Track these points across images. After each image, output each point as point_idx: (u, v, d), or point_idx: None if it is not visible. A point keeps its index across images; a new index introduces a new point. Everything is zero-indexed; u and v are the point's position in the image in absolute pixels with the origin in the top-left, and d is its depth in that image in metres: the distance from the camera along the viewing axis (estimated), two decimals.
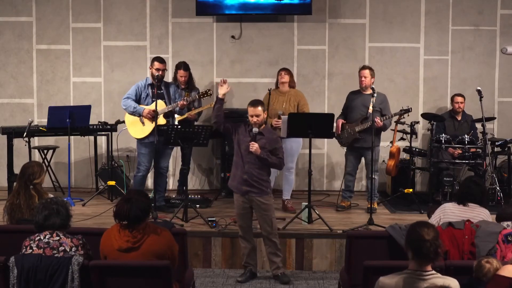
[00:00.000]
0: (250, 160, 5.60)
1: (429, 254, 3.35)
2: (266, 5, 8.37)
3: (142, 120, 7.04)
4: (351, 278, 4.69)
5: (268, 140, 5.63)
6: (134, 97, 7.07)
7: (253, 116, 5.59)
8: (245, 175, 5.63)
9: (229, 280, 5.96)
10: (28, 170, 5.33)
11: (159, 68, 7.07)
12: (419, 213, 7.12)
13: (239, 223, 5.86)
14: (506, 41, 8.47)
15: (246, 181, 5.63)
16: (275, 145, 5.66)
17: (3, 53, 8.70)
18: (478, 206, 4.78)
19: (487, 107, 8.23)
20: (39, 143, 8.58)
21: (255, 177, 5.62)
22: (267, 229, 5.74)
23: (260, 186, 5.65)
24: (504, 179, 8.05)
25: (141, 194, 4.19)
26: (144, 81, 7.17)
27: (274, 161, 5.64)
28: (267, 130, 5.72)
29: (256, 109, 5.59)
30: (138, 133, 7.09)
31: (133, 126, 7.12)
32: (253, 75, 8.49)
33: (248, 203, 5.71)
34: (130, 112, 7.07)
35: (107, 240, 4.11)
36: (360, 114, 7.23)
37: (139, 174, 7.13)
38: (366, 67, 7.30)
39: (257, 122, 5.59)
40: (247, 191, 5.65)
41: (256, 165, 5.61)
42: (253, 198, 5.66)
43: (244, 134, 5.66)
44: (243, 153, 5.63)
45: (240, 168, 5.67)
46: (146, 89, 7.09)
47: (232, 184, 5.78)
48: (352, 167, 7.44)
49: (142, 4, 8.61)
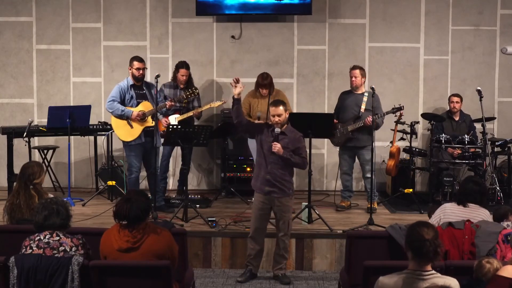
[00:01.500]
0: (273, 160, 5.57)
1: (429, 254, 3.35)
2: (266, 5, 8.37)
3: (129, 123, 6.99)
4: (351, 278, 4.69)
5: (290, 140, 5.60)
6: (119, 99, 6.97)
7: (275, 116, 5.55)
8: (268, 175, 5.60)
9: (229, 280, 5.96)
10: (28, 170, 5.33)
11: (139, 67, 6.99)
12: (419, 213, 7.12)
13: (253, 224, 5.78)
14: (506, 41, 8.47)
15: (269, 181, 5.60)
16: (298, 144, 5.63)
17: (3, 53, 8.70)
18: (478, 206, 4.78)
19: (487, 107, 8.23)
20: (39, 143, 8.58)
21: (278, 177, 5.60)
22: (283, 230, 5.73)
23: (282, 187, 5.63)
24: (504, 179, 8.05)
25: (141, 194, 4.19)
26: (125, 82, 7.05)
27: (297, 160, 5.62)
28: (289, 129, 5.67)
29: (278, 109, 5.55)
30: (126, 135, 7.01)
31: (120, 129, 7.03)
32: (253, 75, 8.46)
33: (269, 204, 5.68)
34: (117, 115, 6.97)
35: (107, 240, 4.11)
36: (352, 113, 7.26)
37: (132, 176, 7.08)
38: (356, 67, 7.34)
39: (279, 122, 5.55)
40: (269, 191, 5.62)
41: (279, 165, 5.58)
42: (275, 198, 5.64)
43: (266, 134, 5.63)
44: (266, 153, 5.60)
45: (263, 169, 5.63)
46: (129, 90, 7.01)
47: (255, 184, 5.73)
48: (348, 166, 7.46)
49: (142, 4, 8.61)
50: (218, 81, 8.64)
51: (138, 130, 6.97)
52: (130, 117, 6.94)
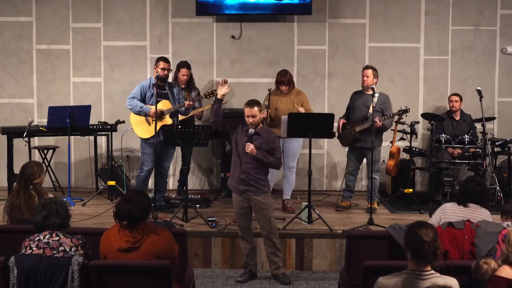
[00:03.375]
0: (247, 160, 5.61)
1: (428, 256, 3.35)
2: (266, 5, 8.37)
3: (148, 120, 7.03)
4: (351, 278, 4.69)
5: (265, 140, 5.62)
6: (139, 96, 7.03)
7: (249, 117, 5.58)
8: (242, 175, 5.64)
9: (229, 280, 5.96)
10: (28, 170, 5.33)
11: (165, 68, 7.03)
12: (419, 213, 7.12)
13: (238, 223, 5.87)
14: (506, 41, 8.47)
15: (243, 181, 5.64)
16: (272, 145, 5.66)
17: (3, 53, 8.70)
18: (478, 206, 4.78)
19: (487, 107, 8.24)
20: (39, 143, 8.58)
21: (252, 176, 5.63)
22: (266, 229, 5.75)
23: (257, 185, 5.66)
24: (504, 179, 8.05)
25: (141, 194, 4.19)
26: (148, 81, 7.11)
27: (271, 161, 5.64)
28: (264, 130, 5.71)
29: (252, 110, 5.57)
30: (144, 132, 7.06)
31: (138, 125, 7.09)
32: (253, 75, 8.49)
33: (247, 203, 5.71)
34: (136, 111, 7.02)
35: (107, 240, 4.11)
36: (361, 114, 7.23)
37: (142, 174, 7.11)
38: (369, 67, 7.30)
39: (253, 122, 5.59)
40: (244, 190, 5.66)
41: (253, 164, 5.62)
42: (251, 197, 5.67)
43: (241, 134, 5.67)
44: (240, 152, 5.65)
45: (238, 168, 5.68)
46: (151, 89, 7.04)
47: (231, 183, 5.80)
48: (354, 167, 7.45)
49: (142, 4, 8.61)
50: (218, 81, 8.61)
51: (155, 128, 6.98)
52: (148, 113, 6.96)
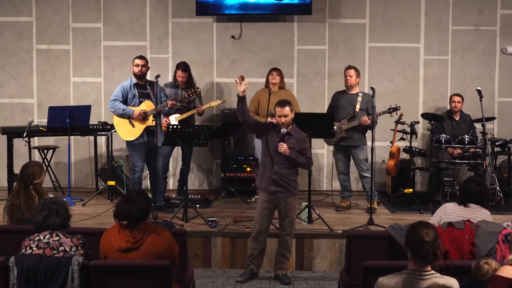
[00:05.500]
0: (279, 160, 5.59)
1: (428, 256, 3.35)
2: (266, 5, 8.37)
3: (131, 122, 7.00)
4: (351, 278, 4.69)
5: (296, 140, 5.63)
6: (121, 98, 6.99)
7: (281, 117, 5.57)
8: (274, 175, 5.61)
9: (229, 280, 5.96)
10: (28, 170, 5.32)
11: (139, 64, 7.00)
12: (419, 213, 7.12)
13: (258, 224, 5.75)
14: (506, 41, 8.47)
15: (275, 181, 5.61)
16: (303, 145, 5.67)
17: (3, 53, 8.70)
18: (479, 206, 4.78)
19: (487, 107, 8.24)
20: (39, 143, 8.58)
21: (284, 177, 5.62)
22: (286, 230, 5.74)
23: (288, 187, 5.64)
24: (504, 179, 8.05)
25: (141, 194, 4.19)
26: (129, 81, 7.06)
27: (303, 161, 5.65)
28: (294, 130, 5.70)
29: (284, 109, 5.57)
30: (128, 134, 7.02)
31: (122, 128, 7.05)
32: (253, 75, 8.47)
33: (273, 204, 5.69)
34: (119, 114, 6.99)
35: (107, 240, 4.11)
36: (347, 113, 7.29)
37: (136, 175, 7.10)
38: (351, 67, 7.38)
39: (285, 122, 5.57)
40: (275, 191, 5.63)
41: (285, 165, 5.60)
42: (281, 198, 5.65)
43: (272, 134, 5.65)
44: (272, 153, 5.61)
45: (269, 168, 5.64)
46: (132, 89, 7.02)
47: (260, 184, 5.75)
48: (344, 166, 7.49)
49: (142, 4, 8.61)
50: (218, 81, 8.63)
51: (139, 129, 6.97)
52: (132, 116, 6.94)
